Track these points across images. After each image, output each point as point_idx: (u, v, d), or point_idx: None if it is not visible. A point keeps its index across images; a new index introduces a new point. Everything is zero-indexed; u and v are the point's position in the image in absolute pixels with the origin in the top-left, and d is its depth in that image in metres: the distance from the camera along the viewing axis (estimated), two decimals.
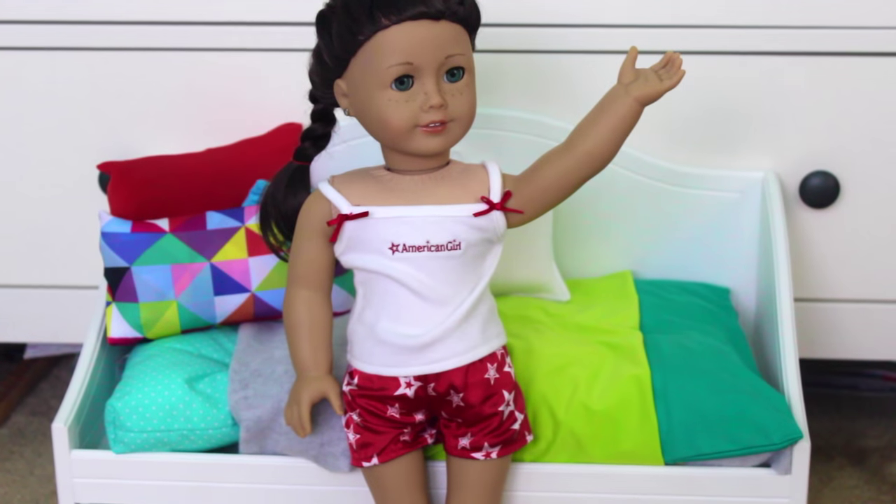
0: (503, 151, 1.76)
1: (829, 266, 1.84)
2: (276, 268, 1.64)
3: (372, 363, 1.45)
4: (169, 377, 1.57)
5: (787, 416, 1.52)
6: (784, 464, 1.52)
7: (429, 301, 1.42)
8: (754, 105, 1.79)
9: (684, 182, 1.80)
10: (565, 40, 1.77)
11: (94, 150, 1.84)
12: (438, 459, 1.54)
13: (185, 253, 1.63)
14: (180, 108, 1.82)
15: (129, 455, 1.56)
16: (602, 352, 1.60)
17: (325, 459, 1.53)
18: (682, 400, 1.53)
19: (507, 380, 1.48)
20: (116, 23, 1.79)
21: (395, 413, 1.47)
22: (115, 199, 1.67)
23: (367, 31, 1.36)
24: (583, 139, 1.40)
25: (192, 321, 1.65)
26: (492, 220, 1.42)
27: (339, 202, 1.43)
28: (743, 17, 1.75)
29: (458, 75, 1.39)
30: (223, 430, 1.56)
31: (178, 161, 1.72)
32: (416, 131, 1.38)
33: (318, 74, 1.43)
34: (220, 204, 1.70)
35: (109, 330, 1.65)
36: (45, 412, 2.11)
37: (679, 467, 1.53)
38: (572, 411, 1.53)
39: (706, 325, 1.70)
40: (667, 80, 1.39)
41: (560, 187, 1.42)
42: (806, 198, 1.81)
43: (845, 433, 2.02)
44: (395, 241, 1.40)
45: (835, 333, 1.86)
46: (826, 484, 1.88)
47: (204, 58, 1.80)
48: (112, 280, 1.64)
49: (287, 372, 1.56)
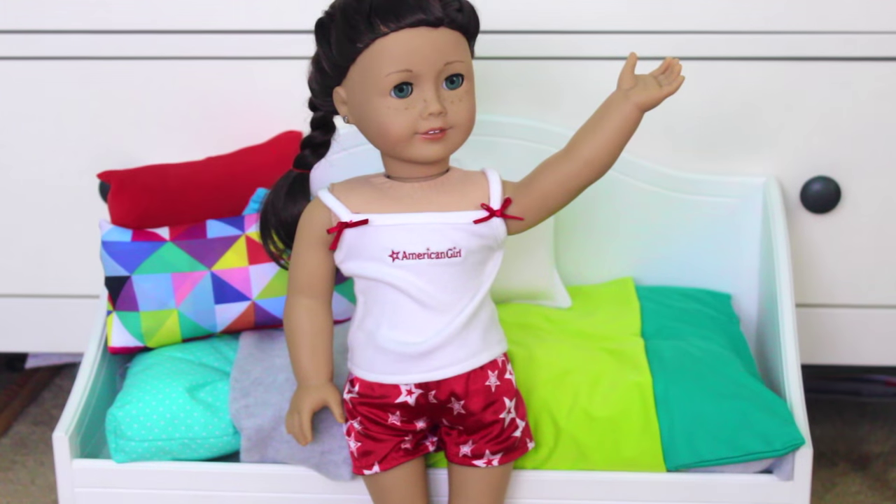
0: (503, 158, 1.76)
1: (831, 272, 1.84)
2: (276, 276, 1.64)
3: (373, 371, 1.45)
4: (170, 386, 1.57)
5: (789, 423, 1.51)
6: (786, 470, 1.51)
7: (429, 308, 1.42)
8: (755, 111, 1.78)
9: (685, 188, 1.80)
10: (565, 47, 1.77)
11: (95, 158, 1.84)
12: (440, 467, 1.54)
13: (185, 261, 1.63)
14: (180, 116, 1.82)
15: (131, 464, 1.56)
16: (603, 358, 1.60)
17: (327, 467, 1.53)
18: (683, 406, 1.53)
19: (509, 387, 1.47)
20: (116, 32, 1.79)
21: (396, 421, 1.46)
22: (116, 207, 1.67)
23: (366, 39, 1.36)
24: (582, 145, 1.40)
25: (192, 330, 1.65)
26: (492, 227, 1.42)
27: (338, 210, 1.42)
28: (742, 22, 1.75)
29: (457, 82, 1.39)
30: (224, 439, 1.56)
31: (179, 170, 1.72)
32: (416, 138, 1.38)
33: (317, 82, 1.43)
34: (220, 212, 1.70)
35: (110, 339, 1.65)
36: (46, 421, 2.11)
37: (681, 474, 1.53)
38: (574, 418, 1.53)
39: (708, 331, 1.69)
40: (666, 85, 1.39)
41: (560, 194, 1.42)
42: (807, 203, 1.80)
43: (848, 439, 2.01)
44: (395, 249, 1.40)
45: (837, 339, 1.86)
46: (829, 490, 1.87)
47: (204, 66, 1.80)
48: (113, 289, 1.64)
49: (288, 380, 1.56)
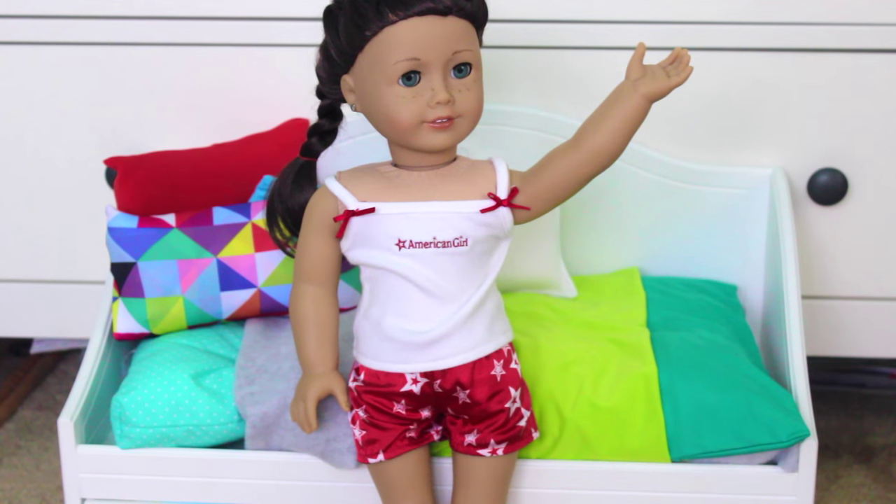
0: (510, 148, 1.76)
1: (837, 263, 1.83)
2: (282, 263, 1.64)
3: (378, 359, 1.45)
4: (175, 373, 1.57)
5: (794, 414, 1.51)
6: (791, 462, 1.51)
7: (435, 297, 1.41)
8: (762, 102, 1.78)
9: (692, 179, 1.80)
10: (573, 36, 1.77)
11: (101, 145, 1.84)
12: (444, 456, 1.54)
13: (191, 248, 1.63)
14: (187, 103, 1.82)
15: (135, 450, 1.56)
16: (609, 349, 1.60)
17: (331, 456, 1.53)
18: (688, 397, 1.53)
19: (514, 376, 1.47)
20: (123, 18, 1.79)
21: (402, 409, 1.46)
22: (122, 194, 1.67)
23: (375, 27, 1.35)
24: (590, 136, 1.39)
25: (198, 317, 1.65)
26: (498, 217, 1.42)
27: (345, 198, 1.42)
28: (751, 13, 1.74)
29: (465, 71, 1.38)
30: (229, 426, 1.56)
31: (185, 156, 1.72)
32: (423, 127, 1.38)
33: (325, 70, 1.42)
34: (226, 199, 1.69)
35: (116, 325, 1.65)
36: (51, 407, 2.11)
37: (686, 465, 1.53)
38: (579, 408, 1.53)
39: (713, 322, 1.69)
40: (675, 76, 1.38)
41: (567, 184, 1.42)
42: (814, 195, 1.80)
43: (852, 431, 2.01)
44: (401, 237, 1.40)
45: (842, 331, 1.86)
46: (833, 482, 1.87)
47: (211, 53, 1.80)
48: (118, 275, 1.64)
49: (293, 368, 1.56)
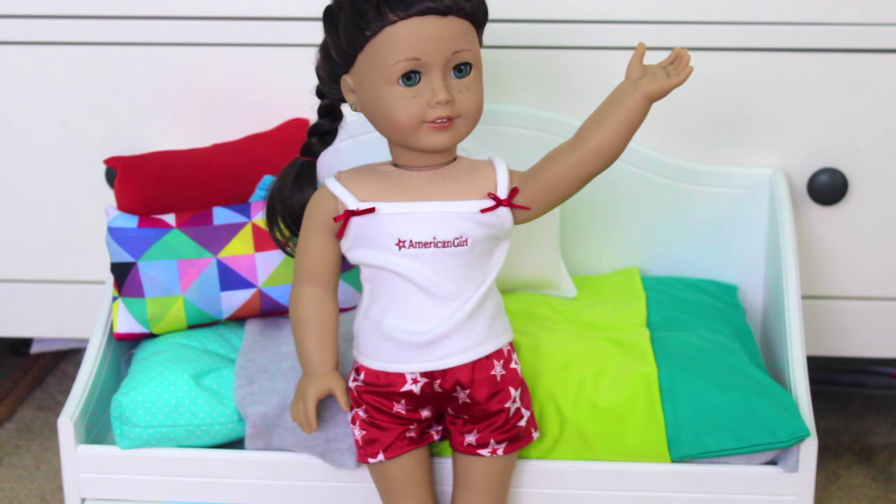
0: (510, 148, 1.76)
1: (837, 263, 1.83)
2: (282, 263, 1.64)
3: (378, 359, 1.45)
4: (175, 373, 1.57)
5: (794, 414, 1.51)
6: (791, 462, 1.51)
7: (435, 297, 1.41)
8: (762, 102, 1.78)
9: (692, 179, 1.80)
10: (573, 36, 1.77)
11: (101, 145, 1.84)
12: (444, 456, 1.54)
13: (191, 248, 1.63)
14: (187, 103, 1.82)
15: (135, 450, 1.56)
16: (609, 349, 1.60)
17: (331, 455, 1.53)
18: (688, 397, 1.53)
19: (514, 376, 1.47)
20: (123, 17, 1.79)
21: (402, 409, 1.46)
22: (122, 194, 1.67)
23: (375, 27, 1.35)
24: (590, 135, 1.39)
25: (198, 317, 1.65)
26: (498, 217, 1.42)
27: (345, 198, 1.42)
28: (751, 13, 1.74)
29: (465, 71, 1.38)
30: (229, 426, 1.56)
31: (185, 156, 1.72)
32: (423, 127, 1.38)
33: (324, 70, 1.42)
34: (226, 199, 1.69)
35: (116, 325, 1.65)
36: (51, 407, 2.11)
37: (686, 465, 1.53)
38: (579, 408, 1.53)
39: (713, 322, 1.69)
40: (675, 76, 1.38)
41: (567, 184, 1.42)
42: (814, 195, 1.80)
43: (852, 431, 2.01)
44: (401, 237, 1.40)
45: (842, 331, 1.86)
46: (833, 482, 1.87)
47: (211, 53, 1.80)
48: (118, 275, 1.64)
49: (293, 368, 1.56)
